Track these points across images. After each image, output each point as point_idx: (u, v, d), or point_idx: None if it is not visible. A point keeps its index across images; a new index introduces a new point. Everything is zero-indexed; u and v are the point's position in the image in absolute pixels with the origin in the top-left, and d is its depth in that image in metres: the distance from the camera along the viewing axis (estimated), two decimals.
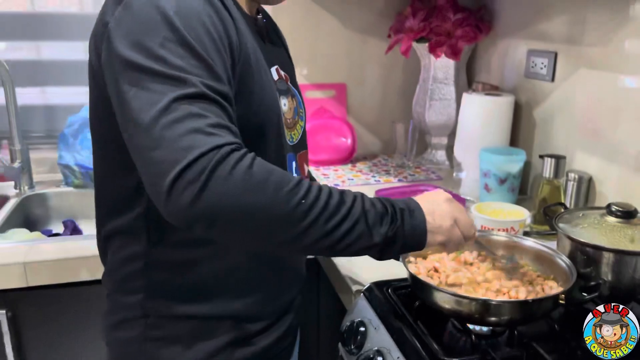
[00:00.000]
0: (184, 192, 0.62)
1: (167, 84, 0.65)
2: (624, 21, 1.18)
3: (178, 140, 0.63)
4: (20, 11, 1.72)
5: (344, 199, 0.70)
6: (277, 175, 0.67)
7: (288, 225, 0.66)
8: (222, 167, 0.63)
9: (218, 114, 0.66)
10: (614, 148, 1.23)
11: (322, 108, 1.85)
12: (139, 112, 0.65)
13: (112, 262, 0.88)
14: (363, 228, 0.70)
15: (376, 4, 1.80)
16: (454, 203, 0.80)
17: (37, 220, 1.59)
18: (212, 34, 0.71)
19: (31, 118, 1.72)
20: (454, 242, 0.79)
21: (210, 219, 0.64)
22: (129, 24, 0.70)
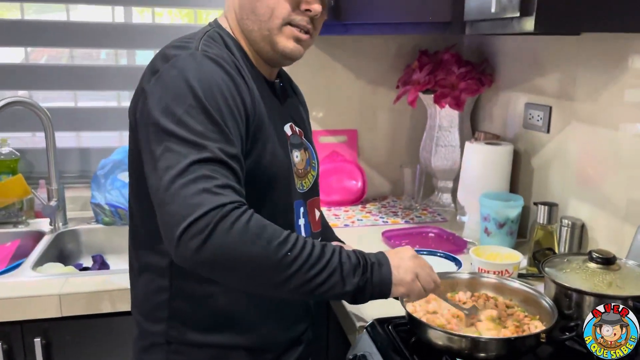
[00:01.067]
0: (190, 242, 0.75)
1: (188, 147, 0.80)
2: (610, 80, 1.29)
3: (189, 198, 0.76)
4: (61, 63, 1.89)
5: (324, 252, 0.84)
6: (269, 230, 0.81)
7: (276, 272, 0.80)
8: (224, 222, 0.76)
9: (226, 176, 0.81)
10: (604, 197, 1.32)
11: (335, 152, 1.98)
12: (163, 172, 0.79)
13: (142, 294, 1.01)
14: (338, 278, 0.83)
15: (386, 58, 1.94)
16: (418, 259, 0.94)
17: (69, 254, 1.71)
18: (229, 102, 0.86)
19: (67, 159, 1.87)
20: (414, 294, 0.92)
21: (212, 264, 0.78)
22: (161, 92, 0.85)
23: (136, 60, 1.92)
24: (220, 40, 0.96)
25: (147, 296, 1.00)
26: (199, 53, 0.88)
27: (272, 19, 0.96)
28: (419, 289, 0.92)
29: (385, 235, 1.58)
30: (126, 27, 1.88)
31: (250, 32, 0.98)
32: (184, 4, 1.91)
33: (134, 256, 1.03)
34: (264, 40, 0.98)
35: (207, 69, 0.86)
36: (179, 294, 0.96)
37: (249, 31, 0.98)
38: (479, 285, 1.07)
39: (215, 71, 0.87)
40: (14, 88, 1.84)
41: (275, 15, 0.95)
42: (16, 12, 1.83)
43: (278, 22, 0.96)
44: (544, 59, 1.53)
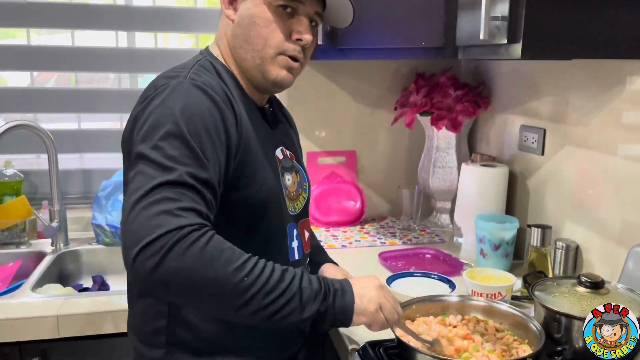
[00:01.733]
0: (145, 262, 0.76)
1: (157, 170, 0.81)
2: (602, 104, 1.30)
3: (149, 219, 0.77)
4: (65, 87, 1.94)
5: (283, 277, 0.83)
6: (227, 253, 0.80)
7: (231, 297, 0.80)
8: (180, 245, 0.76)
9: (192, 199, 0.81)
10: (599, 219, 1.33)
11: (334, 173, 2.00)
12: (132, 193, 0.81)
13: (140, 319, 1.02)
14: (296, 304, 0.83)
15: (384, 81, 1.96)
16: (383, 290, 0.94)
17: (70, 275, 1.73)
18: (210, 130, 0.87)
19: (70, 181, 1.90)
20: (377, 324, 0.92)
21: (166, 286, 0.79)
22: (145, 119, 0.88)
23: (139, 84, 1.96)
24: (212, 69, 0.99)
25: (145, 321, 1.01)
26: (186, 81, 0.91)
27: (265, 49, 0.99)
28: (381, 319, 0.92)
29: (381, 256, 1.59)
30: (129, 52, 1.92)
31: (243, 60, 1.01)
32: (186, 30, 1.96)
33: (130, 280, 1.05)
34: (256, 68, 1.01)
35: (192, 97, 0.89)
36: (177, 320, 0.98)
37: (241, 59, 1.01)
38: (469, 309, 1.08)
39: (200, 99, 0.89)
40: (20, 111, 1.88)
41: (268, 44, 0.98)
42: (23, 37, 1.88)
43: (271, 52, 0.99)
44: (538, 82, 1.55)
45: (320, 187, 1.95)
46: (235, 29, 1.01)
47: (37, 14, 1.83)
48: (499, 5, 1.08)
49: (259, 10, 0.98)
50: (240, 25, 1.00)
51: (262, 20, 0.98)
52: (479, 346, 0.97)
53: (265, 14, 0.98)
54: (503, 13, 1.07)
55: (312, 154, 1.97)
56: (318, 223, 1.92)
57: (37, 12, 1.83)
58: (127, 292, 1.07)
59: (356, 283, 0.92)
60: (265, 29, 0.98)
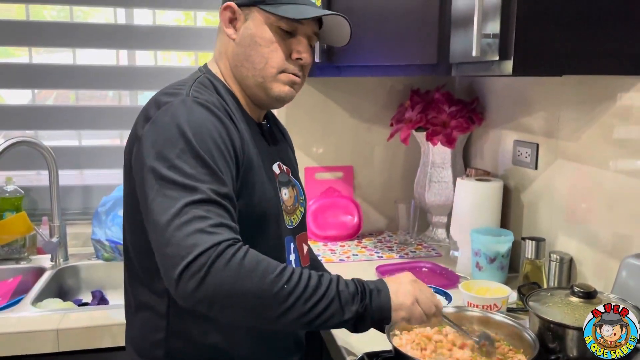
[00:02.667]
0: (189, 281, 0.79)
1: (180, 191, 0.83)
2: (592, 120, 1.33)
3: (185, 239, 0.79)
4: (66, 104, 1.97)
5: (321, 282, 0.85)
6: (264, 264, 0.83)
7: (273, 306, 0.82)
8: (219, 261, 0.79)
9: (220, 215, 0.84)
10: (591, 232, 1.35)
11: (331, 188, 2.02)
12: (158, 215, 0.83)
13: (139, 332, 1.03)
14: (337, 307, 0.85)
15: (380, 97, 2.00)
16: (418, 284, 0.95)
17: (69, 290, 1.74)
18: (219, 145, 0.90)
19: (70, 197, 1.92)
20: (415, 318, 0.92)
21: (210, 302, 0.81)
22: (154, 138, 0.89)
23: (138, 101, 1.99)
24: (211, 86, 1.02)
25: (143, 334, 1.02)
26: (189, 99, 0.93)
27: (266, 68, 1.02)
28: (419, 312, 0.92)
29: (379, 270, 1.61)
30: (130, 70, 1.96)
31: (245, 78, 1.04)
32: (186, 48, 1.99)
33: (130, 292, 1.06)
34: (258, 86, 1.04)
35: (197, 114, 0.91)
36: (176, 333, 0.99)
37: (243, 77, 1.04)
38: (465, 320, 1.09)
39: (205, 116, 0.91)
40: (21, 128, 1.91)
41: (269, 64, 1.02)
42: (25, 55, 1.91)
43: (273, 71, 1.02)
44: (530, 98, 1.58)
45: (318, 202, 1.97)
46: (236, 48, 1.03)
47: (39, 32, 1.86)
48: (491, 23, 1.12)
49: (261, 30, 1.01)
50: (241, 45, 1.02)
51: (264, 40, 1.01)
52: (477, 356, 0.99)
53: (267, 34, 1.01)
54: (494, 31, 1.10)
55: (310, 169, 1.99)
56: (316, 237, 1.93)
57: (39, 31, 1.86)
58: (124, 306, 1.09)
59: (390, 280, 0.93)
60: (267, 49, 1.01)
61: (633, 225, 1.23)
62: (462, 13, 1.27)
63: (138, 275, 1.03)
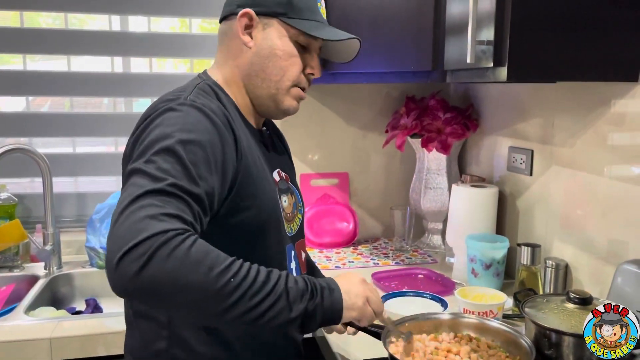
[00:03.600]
0: (128, 267, 0.73)
1: (147, 179, 0.81)
2: (586, 126, 1.34)
3: (134, 224, 0.75)
4: (60, 111, 1.96)
5: (269, 278, 0.82)
6: (212, 256, 0.78)
7: (217, 300, 0.77)
8: (164, 248, 0.74)
9: (179, 207, 0.80)
10: (587, 238, 1.35)
11: (327, 195, 2.02)
12: (120, 202, 0.80)
13: (139, 342, 1.01)
14: (284, 304, 0.81)
15: (375, 104, 2.00)
16: (367, 284, 0.94)
17: (63, 298, 1.73)
18: (207, 150, 0.87)
19: (64, 204, 1.91)
20: (366, 317, 0.92)
21: (148, 291, 0.75)
22: (144, 138, 0.89)
23: (134, 108, 1.99)
24: (212, 92, 1.01)
25: (143, 344, 1.01)
26: (187, 103, 0.92)
27: (283, 80, 1.03)
28: (370, 313, 0.92)
29: (375, 277, 1.61)
30: (124, 77, 1.95)
31: (257, 88, 1.04)
32: (181, 55, 1.99)
33: (128, 301, 1.05)
34: (271, 97, 1.05)
35: (191, 118, 0.89)
36: (177, 343, 0.98)
37: (255, 87, 1.04)
38: (461, 326, 1.09)
39: (199, 120, 0.90)
40: (15, 135, 1.90)
41: (286, 77, 1.03)
42: (19, 62, 1.91)
43: (288, 84, 1.04)
44: (525, 104, 1.59)
45: (314, 209, 1.97)
46: (253, 57, 1.03)
47: (34, 39, 1.86)
48: (485, 30, 1.12)
49: (281, 42, 1.02)
50: (259, 55, 1.02)
51: (284, 53, 1.02)
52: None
53: (288, 47, 1.02)
54: (489, 37, 1.11)
55: (306, 175, 1.99)
56: (311, 244, 1.93)
57: (34, 38, 1.86)
58: (124, 315, 1.07)
59: (340, 279, 0.92)
60: (286, 62, 1.02)
61: (628, 232, 1.23)
62: (456, 20, 1.27)
63: None
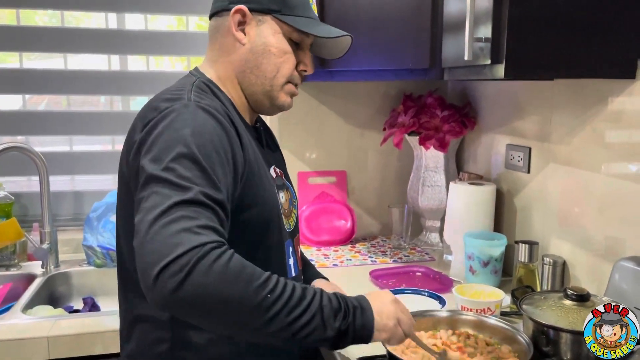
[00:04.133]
0: (168, 281, 0.73)
1: (172, 189, 0.80)
2: (583, 123, 1.34)
3: (169, 238, 0.75)
4: (57, 110, 1.96)
5: (304, 295, 0.82)
6: (249, 270, 0.79)
7: (255, 315, 0.77)
8: (203, 262, 0.74)
9: (209, 217, 0.80)
10: (584, 235, 1.36)
11: (324, 193, 2.02)
12: (147, 212, 0.79)
13: (138, 345, 1.00)
14: (319, 322, 0.81)
15: (373, 102, 2.00)
16: (399, 304, 0.94)
17: (60, 297, 1.72)
18: (219, 152, 0.88)
19: (61, 203, 1.91)
20: (395, 339, 0.91)
21: (189, 305, 0.75)
22: (152, 142, 0.87)
23: (130, 106, 1.98)
24: (208, 90, 1.00)
25: (144, 347, 0.99)
26: (191, 103, 0.91)
27: (277, 77, 1.03)
28: (400, 334, 0.91)
29: (372, 275, 1.61)
30: (122, 75, 1.95)
31: (252, 85, 1.04)
32: (178, 53, 1.99)
33: (125, 304, 1.03)
34: (265, 94, 1.05)
35: (199, 119, 0.89)
36: (181, 344, 0.96)
37: (250, 84, 1.04)
38: (459, 323, 1.09)
39: (207, 121, 0.89)
40: (12, 134, 1.89)
41: (280, 73, 1.03)
42: (15, 61, 1.90)
43: (282, 81, 1.04)
44: (522, 102, 1.59)
45: (312, 207, 1.97)
46: (247, 54, 1.02)
47: (30, 37, 1.85)
48: (482, 27, 1.12)
49: (276, 40, 1.02)
50: (253, 52, 1.02)
51: (278, 50, 1.02)
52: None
53: (282, 44, 1.02)
54: (486, 35, 1.11)
55: (303, 174, 1.99)
56: (309, 242, 1.93)
57: (30, 36, 1.85)
58: (121, 318, 1.05)
59: (373, 299, 0.90)
60: (280, 59, 1.02)
61: (625, 228, 1.23)
62: (454, 17, 1.27)
63: (135, 285, 1.00)
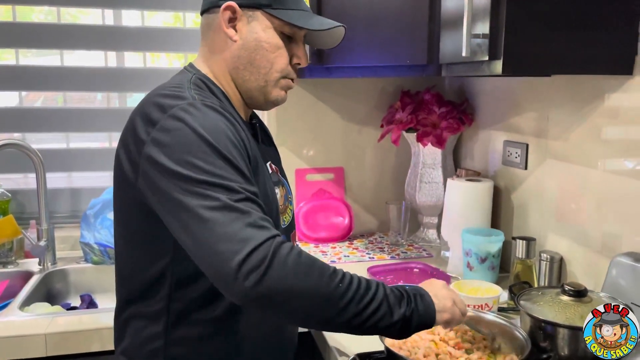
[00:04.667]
0: (249, 276, 0.75)
1: (217, 190, 0.81)
2: (581, 119, 1.34)
3: (236, 234, 0.77)
4: (54, 106, 1.95)
5: (369, 284, 0.85)
6: (319, 262, 0.83)
7: (330, 303, 0.81)
8: (279, 255, 0.77)
9: (259, 210, 0.83)
10: (581, 232, 1.36)
11: (322, 189, 2.02)
12: (202, 213, 0.79)
13: (132, 343, 1.00)
14: (386, 308, 0.84)
15: (370, 98, 2.00)
16: (449, 288, 0.96)
17: (58, 294, 1.72)
18: (237, 146, 0.89)
19: (58, 200, 1.90)
20: (455, 319, 0.93)
21: (269, 298, 0.77)
22: (171, 144, 0.85)
23: (127, 103, 1.98)
24: (205, 87, 1.00)
25: (138, 344, 0.99)
26: (198, 102, 0.90)
27: (271, 72, 1.03)
28: (458, 313, 0.93)
29: (370, 271, 1.61)
30: (118, 72, 1.94)
31: (246, 81, 1.03)
32: (175, 50, 1.98)
33: (120, 300, 1.03)
34: (259, 89, 1.04)
35: (210, 118, 0.89)
36: (175, 339, 0.97)
37: (244, 80, 1.03)
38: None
39: (218, 118, 0.90)
40: (9, 131, 1.89)
41: (274, 69, 1.03)
42: (12, 57, 1.89)
43: (277, 76, 1.03)
44: (520, 98, 1.59)
45: (309, 204, 1.97)
46: (239, 50, 1.01)
47: (26, 34, 1.84)
48: (480, 23, 1.12)
49: (268, 35, 1.01)
50: (245, 48, 1.01)
51: (270, 46, 1.01)
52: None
53: (274, 39, 1.01)
54: (484, 31, 1.11)
55: (301, 170, 1.99)
56: (307, 239, 1.93)
57: (26, 33, 1.85)
58: (115, 315, 1.05)
59: (425, 285, 0.94)
60: (273, 54, 1.02)
61: (622, 224, 1.23)
62: (451, 13, 1.27)
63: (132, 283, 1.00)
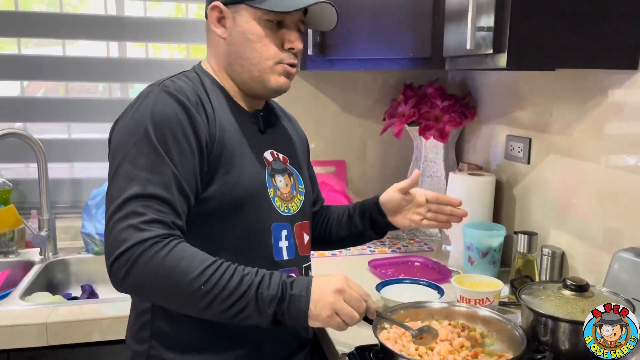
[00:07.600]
0: (117, 273, 0.89)
1: (127, 182, 0.90)
2: (584, 114, 1.33)
3: (119, 234, 0.88)
4: (56, 96, 1.94)
5: (242, 283, 0.89)
6: (185, 262, 0.88)
7: (190, 303, 0.90)
8: (142, 257, 0.87)
9: (157, 210, 0.90)
10: (582, 226, 1.36)
11: (324, 182, 2.01)
12: (107, 206, 0.92)
13: (132, 316, 1.08)
14: (253, 309, 0.89)
15: (373, 92, 2.00)
16: (343, 293, 0.91)
17: (59, 284, 1.72)
18: (177, 135, 0.94)
19: (60, 190, 1.90)
20: (333, 327, 0.92)
21: (137, 291, 0.95)
22: (121, 127, 0.96)
23: (129, 94, 1.97)
24: (197, 79, 1.04)
25: (134, 317, 1.07)
26: (158, 88, 0.97)
27: (262, 61, 1.04)
28: (337, 323, 0.91)
29: (371, 264, 1.61)
30: (120, 62, 1.93)
31: (240, 74, 1.06)
32: (177, 40, 1.97)
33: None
34: (255, 80, 1.06)
35: (160, 103, 0.95)
36: (160, 315, 1.02)
37: (237, 74, 1.06)
38: (453, 314, 1.09)
39: (168, 104, 0.95)
40: (10, 120, 1.88)
41: (264, 57, 1.04)
42: (13, 47, 1.88)
43: (269, 63, 1.04)
44: (523, 92, 1.58)
45: None
46: (229, 46, 1.05)
47: (28, 23, 1.84)
48: (485, 16, 1.12)
49: (250, 26, 1.02)
50: (233, 43, 1.04)
51: (255, 36, 1.02)
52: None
53: (257, 29, 1.02)
54: (489, 24, 1.10)
55: None
56: None
57: (28, 22, 1.84)
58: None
59: (316, 285, 0.92)
60: (259, 44, 1.03)
61: (624, 219, 1.23)
62: (456, 6, 1.26)
63: None
